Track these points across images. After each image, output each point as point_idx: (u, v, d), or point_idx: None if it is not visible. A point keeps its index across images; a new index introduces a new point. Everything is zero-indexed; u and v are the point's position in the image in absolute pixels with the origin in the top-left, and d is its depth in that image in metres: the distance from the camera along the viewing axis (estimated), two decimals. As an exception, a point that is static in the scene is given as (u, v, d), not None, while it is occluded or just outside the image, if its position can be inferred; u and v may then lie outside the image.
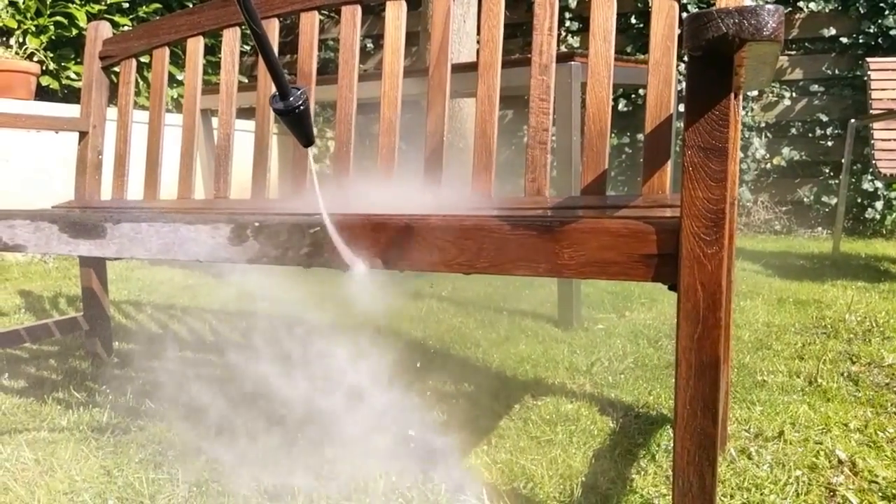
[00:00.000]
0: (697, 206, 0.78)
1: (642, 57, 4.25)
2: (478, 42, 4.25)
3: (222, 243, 1.06)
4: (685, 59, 0.76)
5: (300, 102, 0.94)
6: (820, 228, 4.74)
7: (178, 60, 4.60)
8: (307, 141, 1.00)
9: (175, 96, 4.85)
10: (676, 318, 0.80)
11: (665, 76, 1.23)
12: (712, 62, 0.75)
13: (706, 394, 0.81)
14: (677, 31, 1.24)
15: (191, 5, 5.11)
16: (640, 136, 4.94)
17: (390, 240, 0.97)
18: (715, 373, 0.80)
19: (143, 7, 4.78)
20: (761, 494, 1.15)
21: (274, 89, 0.96)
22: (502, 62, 1.40)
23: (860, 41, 4.52)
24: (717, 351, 0.80)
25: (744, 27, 0.68)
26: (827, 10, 4.57)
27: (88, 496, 1.16)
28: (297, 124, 0.97)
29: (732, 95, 0.77)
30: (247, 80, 5.32)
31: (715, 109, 0.76)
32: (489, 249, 0.91)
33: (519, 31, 5.26)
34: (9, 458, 1.31)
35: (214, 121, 3.65)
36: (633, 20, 4.91)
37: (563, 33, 5.14)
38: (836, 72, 4.59)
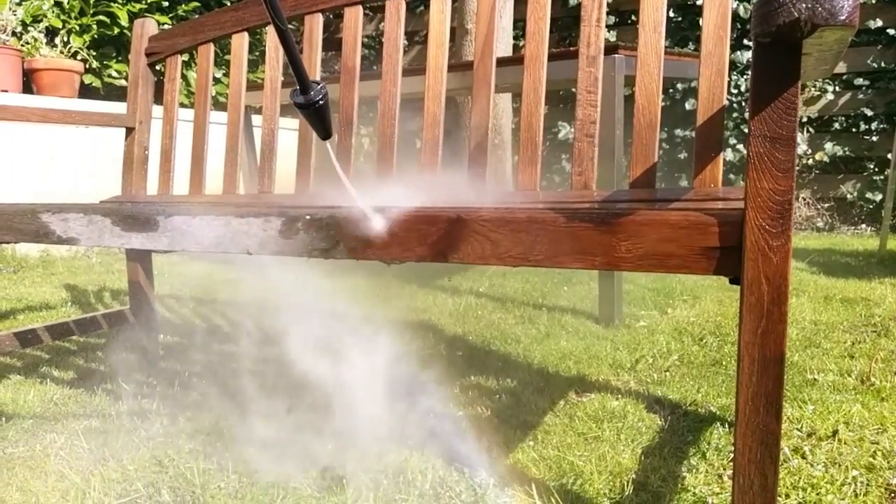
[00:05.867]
0: (762, 198, 0.76)
1: (683, 50, 4.19)
2: (514, 37, 4.22)
3: (273, 236, 1.07)
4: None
5: (320, 97, 0.96)
6: (864, 226, 4.62)
7: (214, 59, 4.64)
8: (326, 134, 1.03)
9: (213, 94, 4.91)
10: (739, 313, 0.78)
11: (718, 67, 1.20)
12: (780, 48, 0.73)
13: (770, 390, 0.79)
14: (730, 21, 1.21)
15: (230, 2, 5.17)
16: (678, 131, 4.87)
17: (442, 233, 0.96)
18: (779, 368, 0.79)
19: (183, 5, 4.85)
20: (818, 494, 1.12)
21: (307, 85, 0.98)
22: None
23: (908, 33, 4.40)
24: (782, 346, 0.78)
25: (817, 12, 0.66)
26: (873, 1, 4.45)
27: (141, 485, 1.18)
28: (317, 118, 0.99)
29: (799, 83, 0.75)
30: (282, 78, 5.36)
31: (782, 98, 0.74)
32: (543, 242, 0.90)
33: (554, 26, 5.22)
34: (63, 446, 1.34)
35: (253, 118, 3.69)
36: (671, 13, 4.84)
37: (600, 28, 5.08)
38: (882, 64, 4.47)
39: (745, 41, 4.66)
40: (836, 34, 0.71)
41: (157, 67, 1.97)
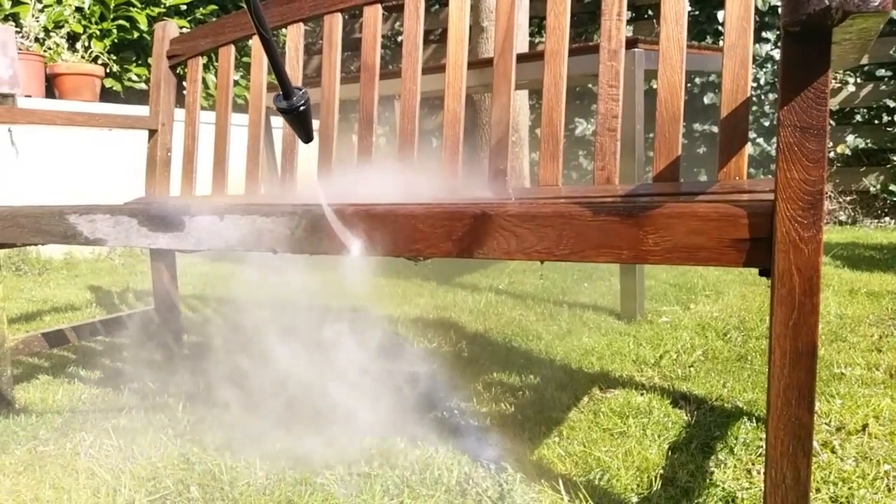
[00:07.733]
0: (793, 188, 0.75)
1: (703, 43, 4.15)
2: (531, 34, 4.19)
3: (299, 234, 1.08)
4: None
5: (301, 102, 0.99)
6: (887, 219, 4.56)
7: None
8: (307, 138, 1.06)
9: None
10: (770, 305, 0.78)
11: (741, 58, 1.19)
12: (810, 37, 0.72)
13: (802, 382, 0.79)
14: (753, 12, 1.20)
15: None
16: (697, 125, 4.83)
17: (467, 229, 0.96)
18: (811, 360, 0.78)
19: (201, 9, 4.89)
20: (849, 489, 1.11)
21: (327, 88, 0.99)
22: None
23: (931, 22, 4.32)
24: (814, 338, 0.77)
25: (849, -1, 0.65)
26: (895, -9, 4.38)
27: (171, 482, 1.19)
28: (299, 122, 1.02)
29: (829, 72, 0.74)
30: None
31: (811, 87, 0.74)
32: (569, 237, 0.89)
33: (570, 21, 5.19)
34: (92, 445, 1.35)
35: (272, 119, 3.70)
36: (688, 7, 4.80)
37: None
38: (905, 55, 4.40)
39: (764, 33, 4.62)
40: (867, 21, 0.70)
41: (178, 70, 1.99)
